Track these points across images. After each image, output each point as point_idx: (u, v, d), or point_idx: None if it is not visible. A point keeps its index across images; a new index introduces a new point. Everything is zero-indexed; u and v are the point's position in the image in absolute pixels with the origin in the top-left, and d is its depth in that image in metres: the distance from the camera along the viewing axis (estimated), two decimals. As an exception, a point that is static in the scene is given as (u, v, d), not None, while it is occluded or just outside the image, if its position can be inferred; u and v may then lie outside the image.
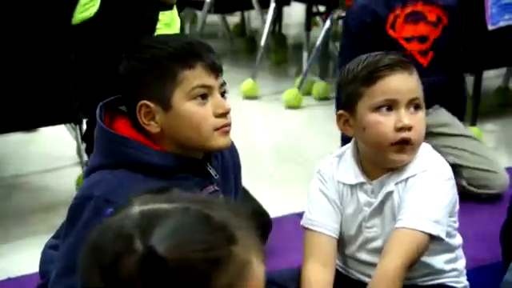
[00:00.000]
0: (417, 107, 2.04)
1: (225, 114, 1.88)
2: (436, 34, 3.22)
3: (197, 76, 1.85)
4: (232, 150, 2.06)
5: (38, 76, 3.12)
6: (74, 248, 1.81)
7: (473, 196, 3.24)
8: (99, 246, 1.12)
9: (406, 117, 2.02)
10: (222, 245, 1.10)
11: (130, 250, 1.09)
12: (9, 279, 2.74)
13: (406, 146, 2.04)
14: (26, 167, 3.69)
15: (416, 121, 2.03)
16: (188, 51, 1.85)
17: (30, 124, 3.44)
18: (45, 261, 2.02)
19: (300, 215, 2.20)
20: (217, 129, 1.87)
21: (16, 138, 3.88)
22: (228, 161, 2.04)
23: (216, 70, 1.88)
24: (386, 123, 2.03)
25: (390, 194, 2.08)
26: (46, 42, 3.10)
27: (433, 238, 2.02)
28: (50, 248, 2.09)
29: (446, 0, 3.22)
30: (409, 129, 2.02)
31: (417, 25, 3.17)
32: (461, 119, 3.42)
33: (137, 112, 1.86)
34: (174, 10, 2.86)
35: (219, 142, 1.89)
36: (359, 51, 3.10)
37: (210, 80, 1.86)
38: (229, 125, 1.90)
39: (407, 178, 2.06)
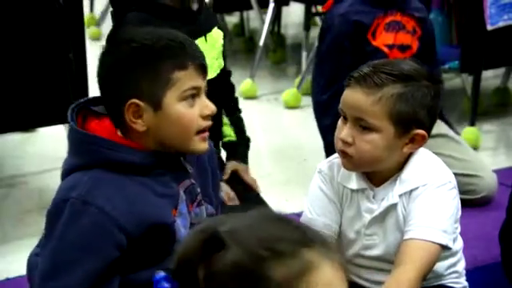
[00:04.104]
0: (365, 128, 2.02)
1: (210, 116, 1.88)
2: (417, 44, 3.22)
3: (189, 77, 1.83)
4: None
5: (37, 76, 3.11)
6: (56, 251, 1.79)
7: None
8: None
9: (344, 130, 2.03)
10: (292, 242, 1.11)
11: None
12: (7, 280, 2.73)
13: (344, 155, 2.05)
14: (24, 167, 3.68)
15: (358, 140, 2.01)
16: (181, 51, 1.84)
17: (28, 124, 3.43)
18: (31, 268, 2.00)
19: (299, 215, 2.20)
20: (199, 132, 1.86)
21: (14, 139, 3.87)
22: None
23: (205, 71, 1.87)
24: (338, 130, 2.06)
25: (393, 206, 2.07)
26: (44, 42, 3.09)
27: (442, 248, 2.03)
28: (35, 255, 2.07)
29: (419, 12, 3.24)
30: (345, 143, 2.02)
31: (397, 33, 3.18)
32: (440, 117, 3.33)
33: (125, 110, 1.83)
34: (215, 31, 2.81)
35: (199, 146, 1.88)
36: (338, 61, 3.09)
37: (199, 81, 1.86)
38: (208, 129, 1.89)
39: (411, 191, 2.06)
